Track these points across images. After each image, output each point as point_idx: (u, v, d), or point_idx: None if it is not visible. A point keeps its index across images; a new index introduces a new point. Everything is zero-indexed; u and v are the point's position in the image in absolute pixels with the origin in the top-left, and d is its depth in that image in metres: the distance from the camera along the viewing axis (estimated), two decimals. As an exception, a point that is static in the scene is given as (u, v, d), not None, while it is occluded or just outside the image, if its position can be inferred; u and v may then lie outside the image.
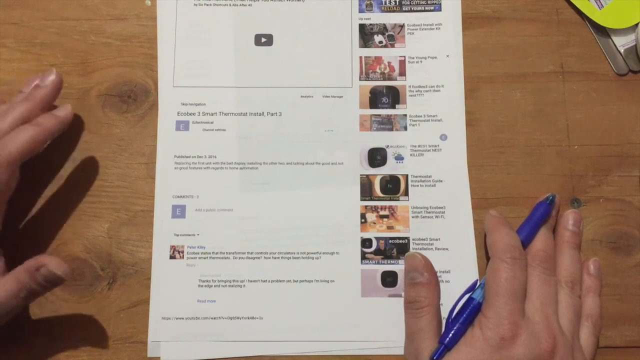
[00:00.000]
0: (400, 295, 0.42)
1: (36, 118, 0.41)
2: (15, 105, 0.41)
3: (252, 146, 0.44)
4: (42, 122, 0.41)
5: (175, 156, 0.44)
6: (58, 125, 0.41)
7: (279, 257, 0.43)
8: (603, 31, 0.46)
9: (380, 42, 0.46)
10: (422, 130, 0.45)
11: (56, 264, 0.37)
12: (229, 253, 0.43)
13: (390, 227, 0.43)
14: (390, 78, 0.46)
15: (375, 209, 0.43)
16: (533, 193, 0.43)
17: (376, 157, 0.44)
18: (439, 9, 0.47)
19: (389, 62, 0.46)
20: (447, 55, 0.46)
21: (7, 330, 0.40)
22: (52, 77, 0.42)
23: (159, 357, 0.41)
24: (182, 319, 0.41)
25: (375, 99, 0.45)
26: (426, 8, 0.47)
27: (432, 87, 0.46)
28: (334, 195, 0.44)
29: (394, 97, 0.45)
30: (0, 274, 0.38)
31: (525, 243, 0.39)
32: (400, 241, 0.43)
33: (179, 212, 0.43)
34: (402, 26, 0.47)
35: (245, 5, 0.47)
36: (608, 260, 0.42)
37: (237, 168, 0.44)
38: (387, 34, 0.47)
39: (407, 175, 0.44)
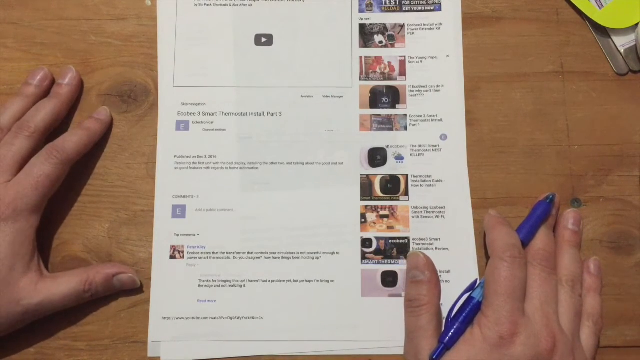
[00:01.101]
0: (400, 295, 0.42)
1: (84, 122, 0.44)
2: (43, 103, 0.43)
3: (253, 146, 0.44)
4: (89, 126, 0.43)
5: (175, 156, 0.44)
6: (103, 128, 0.44)
7: (279, 257, 0.43)
8: (603, 31, 0.46)
9: (381, 42, 0.46)
10: (422, 130, 0.45)
11: (133, 274, 0.41)
12: (229, 253, 0.43)
13: (390, 227, 0.43)
14: (390, 78, 0.46)
15: (375, 209, 0.43)
16: (533, 193, 0.43)
17: (376, 157, 0.44)
18: (439, 9, 0.47)
19: (389, 62, 0.46)
20: (447, 55, 0.46)
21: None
22: (72, 74, 0.44)
23: (159, 357, 0.41)
24: (182, 319, 0.41)
25: (376, 99, 0.45)
26: (426, 8, 0.47)
27: (432, 87, 0.46)
28: (334, 195, 0.44)
29: (394, 97, 0.45)
30: (44, 267, 0.40)
31: (525, 242, 0.39)
32: (401, 241, 0.43)
33: (179, 212, 0.43)
34: (402, 26, 0.47)
35: (245, 5, 0.47)
36: (608, 260, 0.42)
37: (237, 168, 0.44)
38: (387, 34, 0.47)
39: (407, 175, 0.44)
